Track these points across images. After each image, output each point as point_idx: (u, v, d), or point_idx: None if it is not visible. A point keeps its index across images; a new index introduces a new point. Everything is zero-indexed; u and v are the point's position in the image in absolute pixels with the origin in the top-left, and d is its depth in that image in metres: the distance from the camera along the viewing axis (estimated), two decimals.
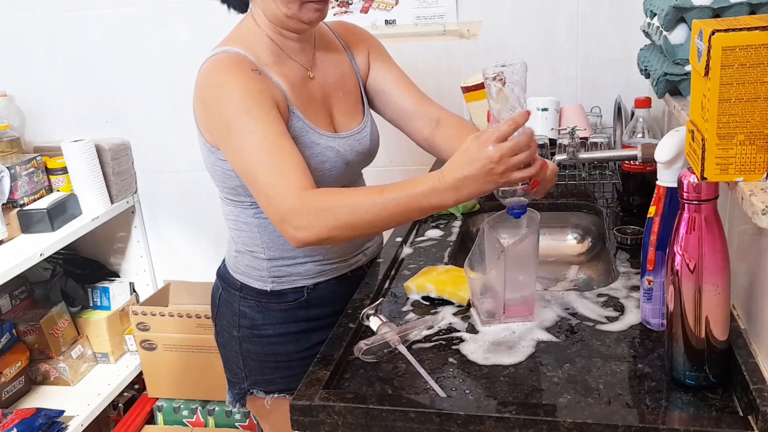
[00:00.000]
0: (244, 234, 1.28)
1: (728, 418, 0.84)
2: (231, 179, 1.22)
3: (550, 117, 1.78)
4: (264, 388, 1.33)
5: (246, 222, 1.27)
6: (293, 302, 1.30)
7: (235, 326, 1.33)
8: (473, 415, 0.88)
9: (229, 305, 1.34)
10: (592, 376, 0.96)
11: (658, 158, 0.96)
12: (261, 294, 1.30)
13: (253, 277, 1.30)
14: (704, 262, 0.84)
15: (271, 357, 1.32)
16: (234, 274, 1.33)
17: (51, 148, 2.23)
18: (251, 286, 1.30)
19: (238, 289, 1.32)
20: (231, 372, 1.39)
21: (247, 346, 1.33)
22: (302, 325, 1.31)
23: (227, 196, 1.28)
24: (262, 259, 1.28)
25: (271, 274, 1.29)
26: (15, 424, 1.95)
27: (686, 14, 1.12)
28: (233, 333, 1.33)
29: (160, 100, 2.24)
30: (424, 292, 1.22)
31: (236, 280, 1.32)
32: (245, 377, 1.35)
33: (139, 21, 2.17)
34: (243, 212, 1.27)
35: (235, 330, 1.33)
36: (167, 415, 2.31)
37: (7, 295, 2.23)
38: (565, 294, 1.19)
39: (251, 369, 1.34)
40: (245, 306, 1.31)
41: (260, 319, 1.31)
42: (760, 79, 0.76)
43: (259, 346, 1.32)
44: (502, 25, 1.96)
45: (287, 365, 1.31)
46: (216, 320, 1.39)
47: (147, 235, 2.42)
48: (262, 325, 1.31)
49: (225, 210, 1.31)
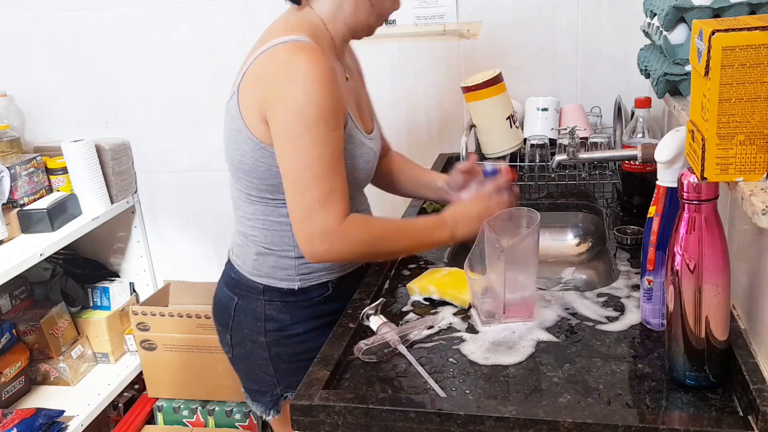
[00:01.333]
0: (273, 233, 1.26)
1: (728, 418, 0.84)
2: (273, 176, 1.19)
3: (550, 117, 1.78)
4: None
5: (277, 221, 1.25)
6: (318, 297, 1.30)
7: (260, 332, 1.30)
8: (473, 415, 0.88)
9: (251, 312, 1.31)
10: (592, 376, 0.96)
11: (658, 158, 0.96)
12: (287, 293, 1.29)
13: (278, 278, 1.28)
14: (704, 262, 0.84)
15: (302, 355, 1.29)
16: (254, 278, 1.30)
17: (51, 148, 2.23)
18: (276, 287, 1.29)
19: (261, 293, 1.29)
20: (258, 382, 1.36)
21: (277, 349, 1.31)
22: (327, 318, 1.29)
23: (260, 194, 1.24)
24: (290, 257, 1.27)
25: (299, 272, 1.28)
26: (15, 424, 1.95)
27: (686, 14, 1.12)
28: (259, 339, 1.31)
29: (160, 100, 2.25)
30: (427, 293, 1.22)
31: (257, 283, 1.29)
32: (277, 382, 1.33)
33: (139, 21, 2.18)
34: (275, 210, 1.25)
35: (260, 336, 1.30)
36: (167, 415, 2.31)
37: (7, 295, 2.23)
38: (565, 294, 1.19)
39: (283, 372, 1.32)
40: (271, 309, 1.29)
41: (288, 320, 1.30)
42: (760, 79, 0.76)
43: (290, 346, 1.31)
44: (502, 25, 1.96)
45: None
46: (232, 333, 1.35)
47: (147, 235, 2.42)
48: (291, 325, 1.30)
49: (250, 210, 1.27)
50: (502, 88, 1.59)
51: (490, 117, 1.63)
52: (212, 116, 2.22)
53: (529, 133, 1.78)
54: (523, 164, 1.73)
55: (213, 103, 2.21)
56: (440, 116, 2.07)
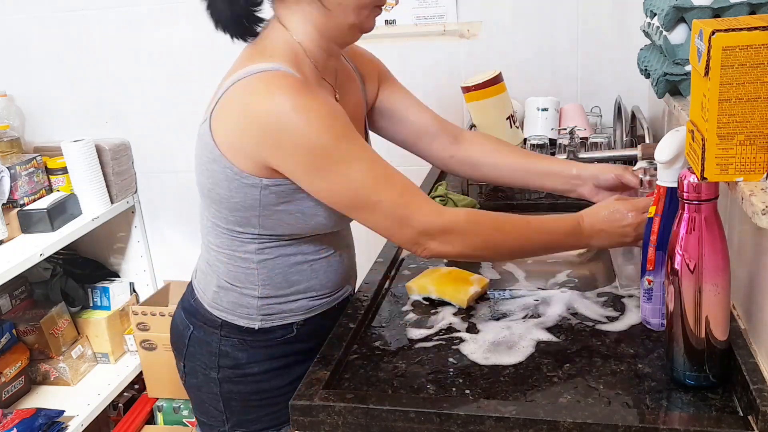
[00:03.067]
0: (237, 269, 1.16)
1: (728, 418, 0.84)
2: (246, 209, 1.09)
3: (550, 117, 1.78)
4: (247, 429, 1.23)
5: (243, 257, 1.15)
6: (280, 338, 1.20)
7: (213, 367, 1.21)
8: (473, 415, 0.88)
9: (206, 345, 1.21)
10: (592, 376, 0.96)
11: (658, 158, 0.96)
12: (246, 332, 1.18)
13: (239, 315, 1.18)
14: (704, 262, 0.84)
15: (255, 395, 1.21)
16: (213, 311, 1.20)
17: (51, 148, 2.23)
18: (235, 324, 1.18)
19: (218, 327, 1.20)
20: (206, 415, 1.27)
21: (229, 386, 1.21)
22: (286, 359, 1.21)
23: (228, 226, 1.13)
24: (253, 297, 1.17)
25: (261, 312, 1.18)
26: (15, 424, 1.95)
27: (686, 14, 1.12)
28: (211, 375, 1.21)
29: (160, 100, 2.24)
30: (425, 293, 1.22)
31: (215, 317, 1.20)
32: (225, 420, 1.24)
33: (139, 21, 2.17)
34: (243, 246, 1.14)
35: (213, 371, 1.21)
36: (167, 415, 2.31)
37: (7, 295, 2.23)
38: (566, 294, 1.19)
39: (233, 410, 1.23)
40: (227, 345, 1.19)
41: (244, 358, 1.19)
42: (760, 79, 0.76)
43: (243, 385, 1.21)
44: (502, 25, 1.96)
45: (272, 401, 1.22)
46: (185, 361, 1.26)
47: (147, 235, 2.42)
48: (247, 364, 1.20)
49: (216, 241, 1.17)
50: (502, 88, 1.59)
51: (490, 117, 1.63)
52: None
53: (529, 133, 1.78)
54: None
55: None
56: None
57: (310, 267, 1.17)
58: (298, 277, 1.16)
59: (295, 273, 1.16)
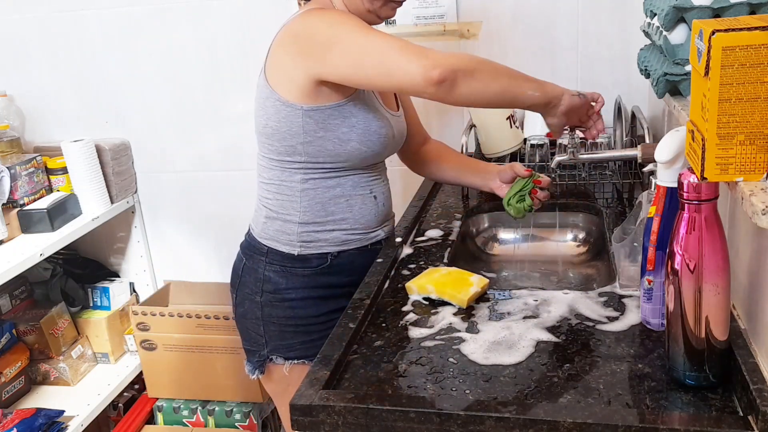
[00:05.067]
0: (283, 198, 1.35)
1: (728, 418, 0.84)
2: (293, 137, 1.28)
3: None
4: (284, 354, 1.39)
5: (290, 186, 1.34)
6: (316, 268, 1.36)
7: (258, 292, 1.39)
8: (473, 415, 0.88)
9: (254, 272, 1.39)
10: (592, 376, 0.96)
11: (658, 158, 0.96)
12: (287, 258, 1.36)
13: (281, 242, 1.36)
14: (704, 262, 0.84)
15: (291, 321, 1.37)
16: (261, 240, 1.39)
17: (51, 148, 2.23)
18: (278, 250, 1.37)
19: (264, 254, 1.38)
20: (250, 341, 1.44)
21: (269, 310, 1.38)
22: (322, 291, 1.37)
23: (279, 157, 1.33)
24: (294, 223, 1.35)
25: (300, 238, 1.35)
26: (15, 424, 1.96)
27: (686, 14, 1.12)
28: (255, 299, 1.39)
29: (160, 100, 2.24)
30: (425, 293, 1.22)
31: (263, 245, 1.38)
32: (265, 343, 1.40)
33: (139, 21, 2.17)
34: (291, 176, 1.33)
35: (257, 296, 1.39)
36: (167, 415, 2.31)
37: (7, 295, 2.23)
38: (566, 294, 1.19)
39: (272, 334, 1.39)
40: (270, 270, 1.37)
41: (284, 284, 1.37)
42: (760, 79, 0.76)
43: (281, 309, 1.37)
44: (502, 25, 1.96)
45: (306, 330, 1.37)
46: (237, 292, 1.44)
47: (147, 235, 2.42)
48: (285, 289, 1.37)
49: (268, 175, 1.36)
50: None
51: (490, 117, 1.63)
52: (212, 116, 2.23)
53: (529, 133, 1.78)
54: (523, 164, 1.73)
55: (213, 103, 2.21)
56: (440, 116, 2.07)
57: (347, 202, 1.35)
58: (334, 209, 1.35)
59: (332, 204, 1.35)
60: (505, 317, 1.14)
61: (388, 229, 1.47)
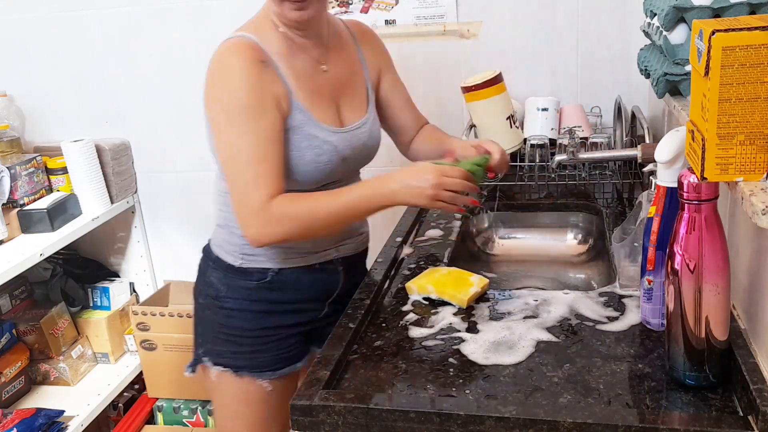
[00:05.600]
0: (229, 209, 1.30)
1: (728, 418, 0.84)
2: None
3: (550, 117, 1.78)
4: (213, 359, 1.39)
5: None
6: (257, 282, 1.35)
7: (201, 294, 1.41)
8: (473, 415, 0.88)
9: (203, 274, 1.42)
10: (592, 376, 0.96)
11: (658, 158, 0.96)
12: (229, 268, 1.36)
13: (227, 251, 1.37)
14: (704, 262, 0.84)
15: (225, 329, 1.37)
16: (212, 246, 1.41)
17: (51, 148, 2.23)
18: (223, 258, 1.37)
19: (213, 260, 1.39)
20: (193, 338, 1.45)
21: (207, 313, 1.40)
22: (262, 305, 1.36)
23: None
24: (237, 234, 1.32)
25: (243, 250, 1.34)
26: (15, 424, 1.95)
27: (686, 14, 1.12)
28: (199, 300, 1.42)
29: (160, 100, 2.24)
30: (425, 293, 1.22)
31: (212, 252, 1.40)
32: (199, 344, 1.42)
33: (139, 21, 2.17)
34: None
35: (201, 298, 1.41)
36: (167, 415, 2.31)
37: (7, 295, 2.23)
38: (566, 294, 1.19)
39: (205, 337, 1.41)
40: (214, 276, 1.38)
41: (224, 291, 1.36)
42: (760, 79, 0.76)
43: (218, 316, 1.37)
44: (502, 25, 1.96)
45: (238, 341, 1.36)
46: (194, 292, 1.45)
47: (147, 235, 2.42)
48: (225, 297, 1.36)
49: (220, 186, 1.36)
50: (502, 88, 1.59)
51: (490, 117, 1.63)
52: None
53: (529, 133, 1.78)
54: (523, 164, 1.73)
55: None
56: (440, 116, 2.06)
57: None
58: None
59: None
60: (505, 317, 1.14)
61: (351, 246, 1.41)
